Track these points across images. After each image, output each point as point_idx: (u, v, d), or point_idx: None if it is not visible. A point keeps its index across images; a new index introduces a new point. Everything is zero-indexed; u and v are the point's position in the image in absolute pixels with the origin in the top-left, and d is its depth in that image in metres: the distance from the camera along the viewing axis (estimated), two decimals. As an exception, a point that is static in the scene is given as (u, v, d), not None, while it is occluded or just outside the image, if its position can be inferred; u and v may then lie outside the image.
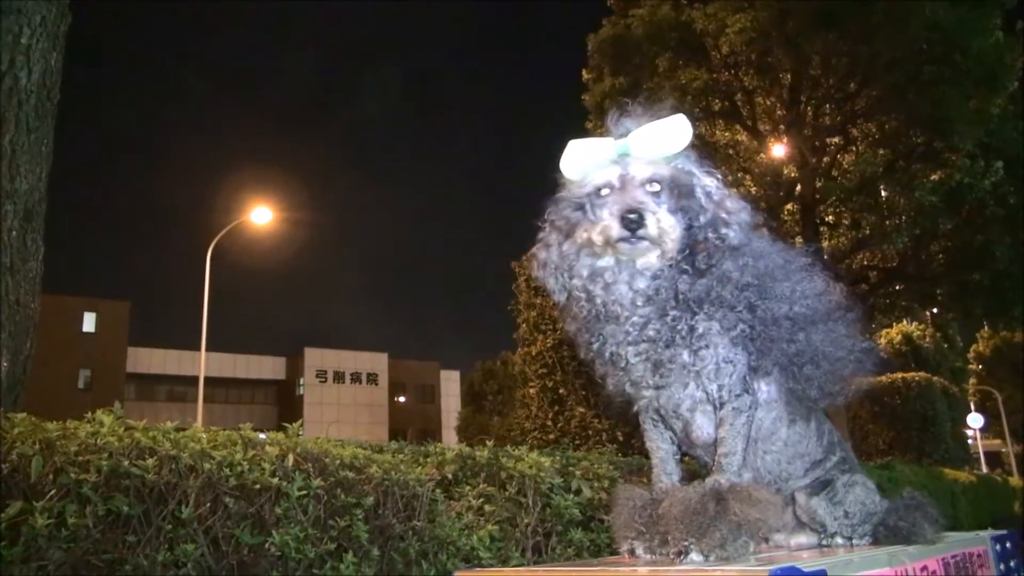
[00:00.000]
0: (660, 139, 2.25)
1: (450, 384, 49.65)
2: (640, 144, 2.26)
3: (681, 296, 2.24)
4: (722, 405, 2.30)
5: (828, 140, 16.15)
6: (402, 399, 48.80)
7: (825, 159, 16.07)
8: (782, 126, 15.97)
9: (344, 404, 44.57)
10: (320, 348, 45.33)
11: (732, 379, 2.29)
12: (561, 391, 9.25)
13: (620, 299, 2.28)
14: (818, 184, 15.70)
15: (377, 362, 47.13)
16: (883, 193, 15.18)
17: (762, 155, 16.10)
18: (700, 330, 2.25)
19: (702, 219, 2.26)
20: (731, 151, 16.60)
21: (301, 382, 44.53)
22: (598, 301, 2.30)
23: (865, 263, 16.65)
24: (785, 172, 15.88)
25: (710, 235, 2.25)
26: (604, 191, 2.25)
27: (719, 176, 2.38)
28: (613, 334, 2.32)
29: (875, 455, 14.07)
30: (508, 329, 11.34)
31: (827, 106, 15.86)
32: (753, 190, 15.63)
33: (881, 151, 14.99)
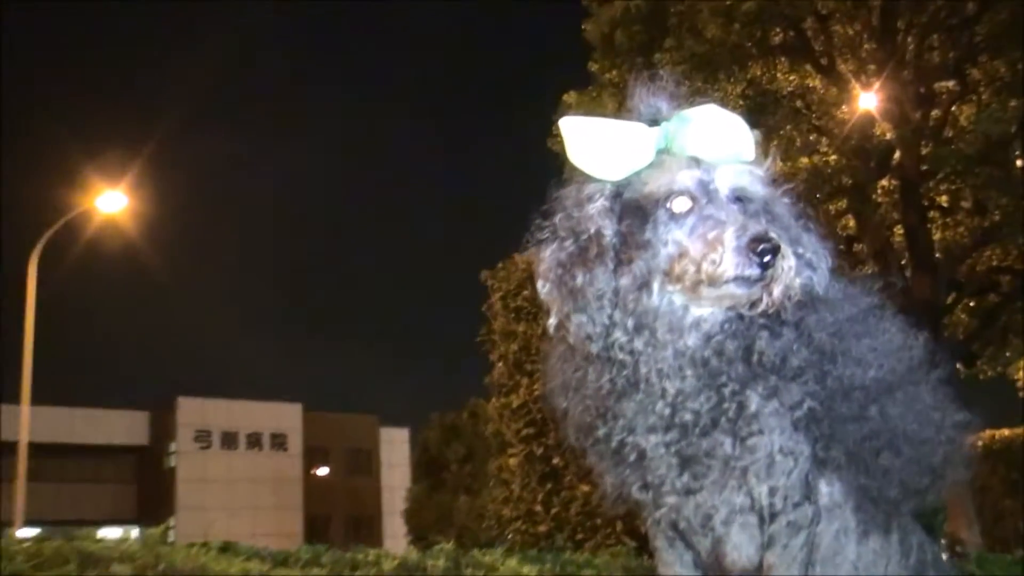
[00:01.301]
0: (728, 135, 2.35)
1: (395, 448, 49.34)
2: (697, 140, 2.34)
3: (757, 360, 2.32)
4: (773, 517, 2.34)
5: (938, 86, 16.38)
6: (324, 471, 48.53)
7: (935, 114, 16.30)
8: (872, 66, 16.13)
9: (237, 480, 44.15)
10: (201, 398, 44.71)
11: (791, 479, 2.34)
12: (555, 461, 9.27)
13: (662, 362, 2.33)
14: (925, 150, 15.91)
15: (286, 417, 46.73)
16: (1019, 162, 15.44)
17: (844, 108, 16.26)
18: (753, 408, 2.31)
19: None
20: (798, 102, 16.82)
21: (172, 448, 43.89)
22: (638, 365, 2.35)
23: (995, 263, 16.94)
24: (877, 133, 16.07)
25: (797, 279, 2.31)
26: (678, 202, 2.32)
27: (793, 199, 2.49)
28: (632, 415, 2.37)
29: (1013, 544, 14.15)
30: (478, 369, 11.51)
31: (936, 36, 16.11)
32: (831, 160, 15.87)
33: (1014, 101, 15.17)
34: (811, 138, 16.37)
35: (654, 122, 2.43)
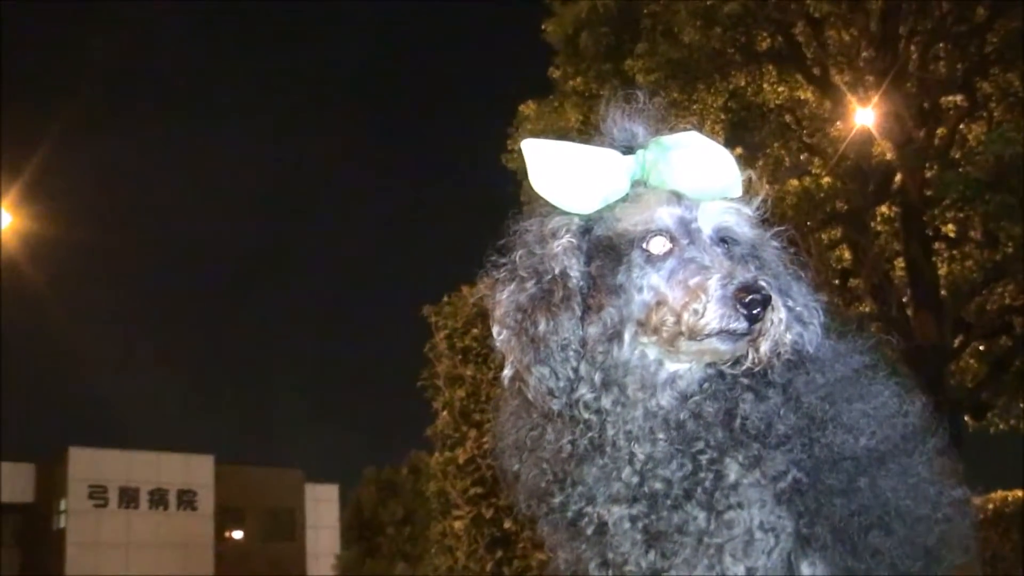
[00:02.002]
0: (714, 167, 2.38)
1: (322, 508, 49.29)
2: (679, 171, 2.36)
3: (739, 425, 2.34)
4: None
5: (944, 100, 16.68)
6: (239, 534, 48.08)
7: (940, 132, 16.56)
8: (870, 77, 16.36)
9: (138, 544, 43.52)
10: (96, 448, 44.36)
11: (771, 559, 2.34)
12: (507, 525, 9.19)
13: (631, 423, 2.36)
14: (929, 173, 16.12)
15: (196, 471, 46.21)
16: (1034, 188, 15.64)
17: (838, 124, 16.50)
18: (731, 479, 2.32)
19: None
20: (787, 117, 17.07)
21: (62, 506, 43.45)
22: (604, 425, 2.37)
23: (1007, 302, 17.17)
24: (876, 153, 16.28)
25: (787, 335, 2.33)
26: (655, 242, 2.35)
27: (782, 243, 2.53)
28: (594, 482, 2.37)
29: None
30: (419, 418, 11.31)
31: (942, 45, 16.36)
32: (824, 183, 16.05)
33: (1030, 119, 15.54)
34: (801, 157, 16.62)
35: (629, 149, 2.44)
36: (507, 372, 2.40)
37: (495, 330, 2.41)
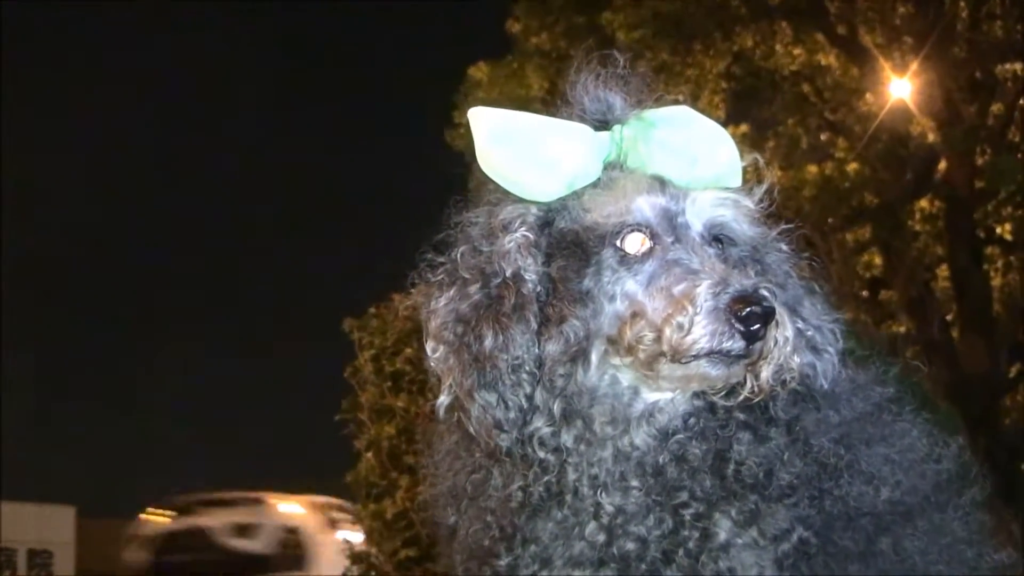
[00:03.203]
0: (708, 149, 2.41)
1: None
2: (664, 153, 2.38)
3: (733, 472, 2.35)
4: None
5: (999, 69, 16.77)
6: (107, 606, 47.60)
7: (995, 108, 16.69)
8: (908, 38, 16.48)
9: (-24, 619, 43.04)
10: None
11: None
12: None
13: (598, 466, 2.37)
14: (980, 160, 16.27)
15: (53, 526, 45.73)
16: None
17: (868, 97, 16.58)
18: (722, 538, 2.31)
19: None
20: (805, 87, 17.13)
21: None
22: (564, 468, 2.38)
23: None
24: (915, 133, 16.34)
25: (795, 359, 2.34)
26: (631, 240, 2.36)
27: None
28: (550, 540, 2.37)
29: None
30: (338, 460, 11.39)
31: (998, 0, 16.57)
32: (851, 169, 16.15)
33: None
34: (822, 137, 16.73)
35: (603, 123, 2.46)
36: (443, 399, 2.38)
37: (429, 346, 2.40)
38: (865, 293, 16.91)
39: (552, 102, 2.63)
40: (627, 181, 2.36)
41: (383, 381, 9.94)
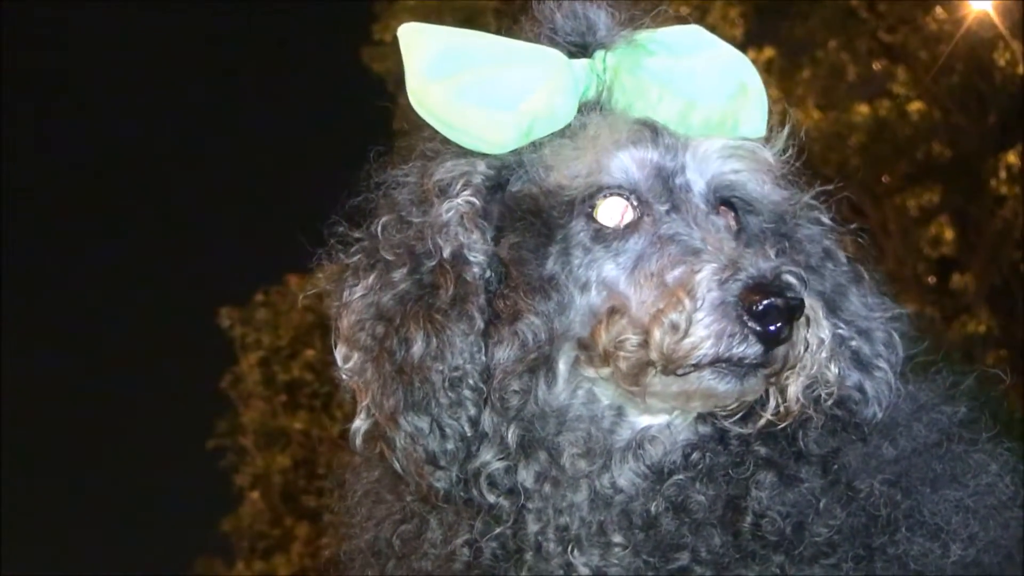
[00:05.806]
0: (719, 81, 2.57)
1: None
2: (659, 88, 2.54)
3: (751, 524, 2.44)
4: None
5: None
6: None
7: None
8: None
9: None
10: None
11: None
12: None
13: (568, 515, 2.51)
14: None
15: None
16: None
17: (938, 10, 16.39)
18: None
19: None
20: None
21: None
22: (522, 517, 2.53)
23: None
24: (1001, 62, 15.98)
25: (831, 370, 2.47)
26: (608, 207, 2.52)
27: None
28: None
29: None
30: (213, 504, 11.53)
31: None
32: (914, 109, 15.87)
33: None
34: (875, 66, 16.38)
35: (579, 48, 2.61)
36: (359, 424, 2.54)
37: (340, 352, 2.54)
38: (931, 279, 17.21)
39: (511, 15, 2.67)
40: (605, 128, 2.48)
41: (274, 395, 9.86)
